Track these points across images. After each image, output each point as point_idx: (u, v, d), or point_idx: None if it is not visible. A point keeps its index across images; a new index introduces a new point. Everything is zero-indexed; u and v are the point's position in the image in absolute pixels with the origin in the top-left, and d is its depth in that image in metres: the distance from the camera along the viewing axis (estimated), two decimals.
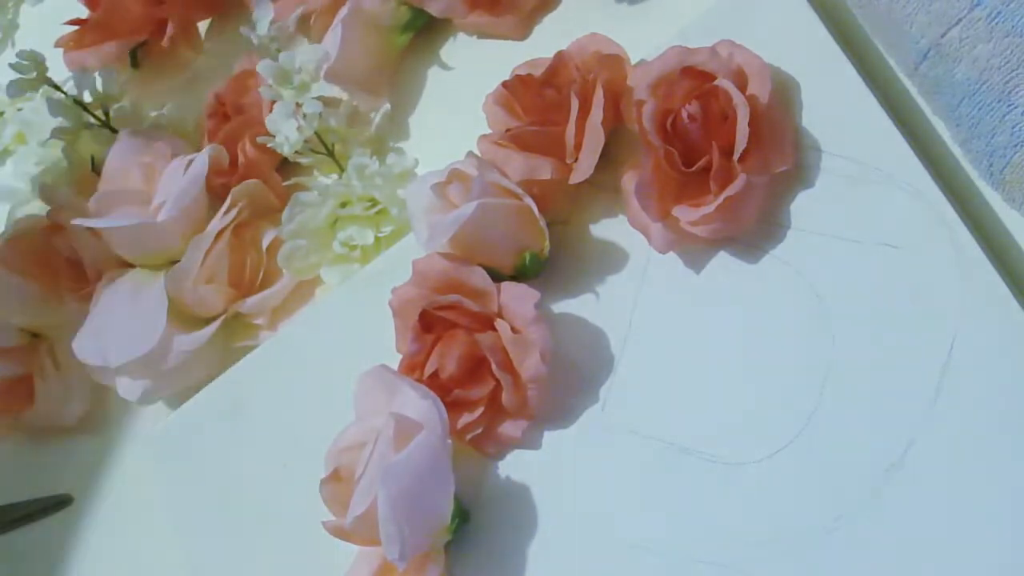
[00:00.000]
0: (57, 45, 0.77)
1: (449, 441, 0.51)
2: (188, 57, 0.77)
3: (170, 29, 0.75)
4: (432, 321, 0.53)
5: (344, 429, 0.53)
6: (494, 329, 0.53)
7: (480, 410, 0.53)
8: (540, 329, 0.52)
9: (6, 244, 0.70)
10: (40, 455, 0.71)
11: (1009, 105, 0.44)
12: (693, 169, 0.51)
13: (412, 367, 0.54)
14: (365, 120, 0.67)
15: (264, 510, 0.59)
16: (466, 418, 0.53)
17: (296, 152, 0.62)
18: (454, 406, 0.53)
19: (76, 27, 0.77)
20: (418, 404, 0.51)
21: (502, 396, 0.52)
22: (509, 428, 0.53)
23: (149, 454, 0.63)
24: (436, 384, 0.53)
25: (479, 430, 0.53)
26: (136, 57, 0.78)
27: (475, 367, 0.53)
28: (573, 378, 0.54)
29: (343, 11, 0.64)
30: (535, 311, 0.52)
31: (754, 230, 0.52)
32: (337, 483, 0.52)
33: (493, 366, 0.52)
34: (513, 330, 0.52)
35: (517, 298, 0.53)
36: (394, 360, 0.55)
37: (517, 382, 0.52)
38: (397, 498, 0.48)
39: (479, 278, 0.54)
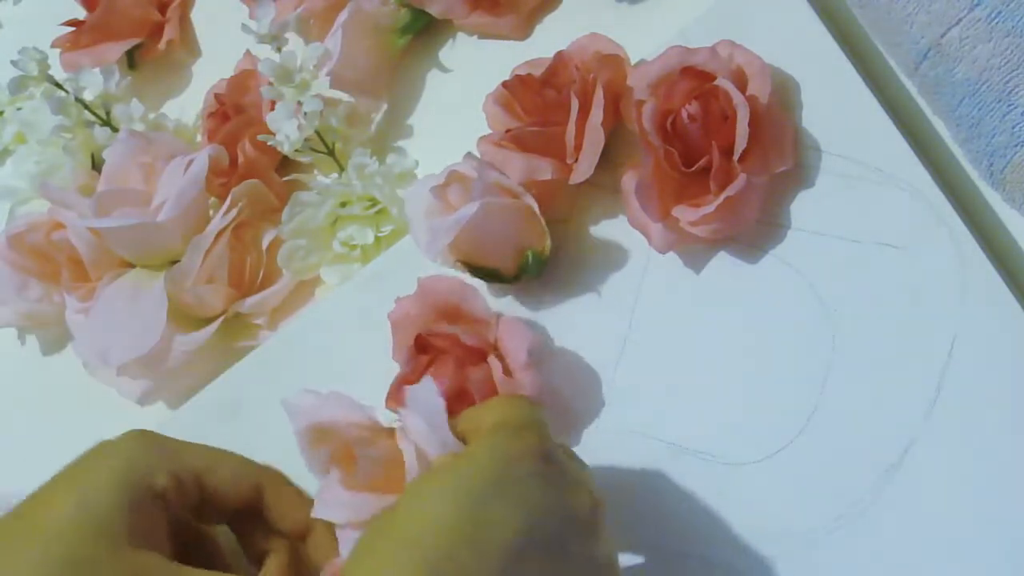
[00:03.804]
0: (54, 46, 0.77)
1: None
2: (185, 59, 0.77)
3: (167, 32, 0.76)
4: (427, 345, 0.53)
5: None
6: (486, 363, 0.52)
7: None
8: (530, 376, 0.51)
9: (7, 242, 0.70)
10: None
11: (1009, 105, 0.44)
12: (693, 169, 0.51)
13: (406, 384, 0.53)
14: (365, 119, 0.67)
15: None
16: None
17: (296, 151, 0.62)
18: None
19: (71, 28, 0.77)
20: None
21: None
22: None
23: None
24: None
25: None
26: (133, 58, 0.78)
27: (463, 399, 0.52)
28: (572, 378, 0.54)
29: (343, 14, 0.64)
30: (527, 358, 0.52)
31: (754, 230, 0.52)
32: None
33: (477, 401, 0.51)
34: (505, 371, 0.52)
35: (513, 338, 0.52)
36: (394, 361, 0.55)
37: None
38: None
39: (480, 306, 0.53)
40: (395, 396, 0.54)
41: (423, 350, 0.53)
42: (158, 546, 0.49)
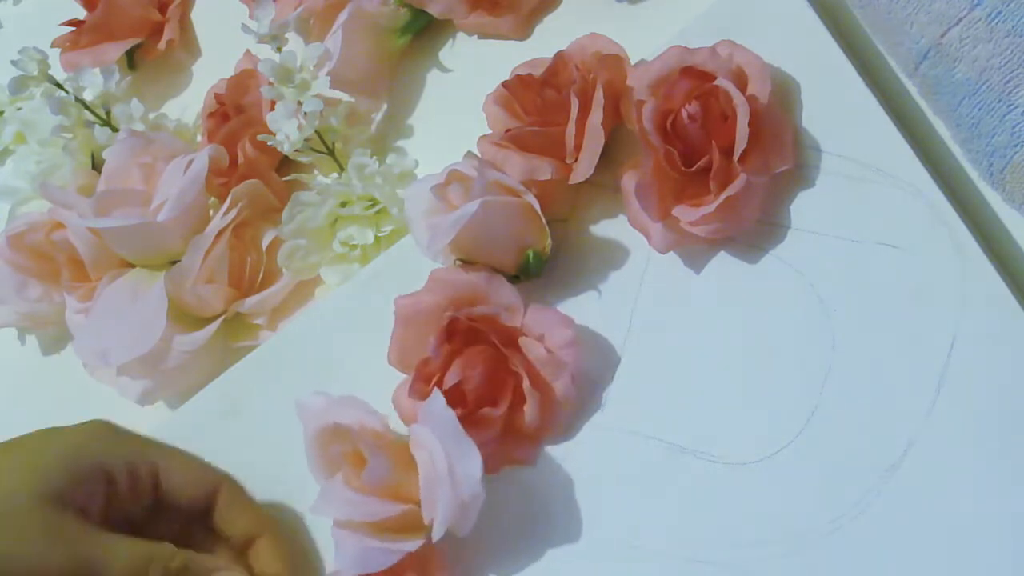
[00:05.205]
0: (54, 46, 0.77)
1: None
2: (185, 59, 0.77)
3: (167, 32, 0.76)
4: (456, 331, 0.52)
5: None
6: (518, 346, 0.52)
7: (496, 431, 0.52)
8: (574, 352, 0.52)
9: (7, 242, 0.70)
10: None
11: (1009, 105, 0.44)
12: (693, 169, 0.51)
13: (428, 376, 0.53)
14: (365, 119, 0.67)
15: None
16: (481, 436, 0.51)
17: (296, 151, 0.62)
18: (477, 424, 0.51)
19: (71, 28, 0.77)
20: None
21: (525, 415, 0.52)
22: (520, 453, 0.53)
23: None
24: (459, 397, 0.51)
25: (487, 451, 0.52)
26: (133, 58, 0.78)
27: (497, 384, 0.52)
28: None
29: (343, 14, 0.64)
30: (573, 334, 0.52)
31: (754, 230, 0.52)
32: None
33: (525, 382, 0.51)
34: (545, 350, 0.52)
35: (551, 318, 0.53)
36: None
37: (544, 402, 0.52)
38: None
39: (508, 293, 0.53)
40: (416, 388, 0.53)
41: (452, 335, 0.52)
42: (88, 517, 0.50)
